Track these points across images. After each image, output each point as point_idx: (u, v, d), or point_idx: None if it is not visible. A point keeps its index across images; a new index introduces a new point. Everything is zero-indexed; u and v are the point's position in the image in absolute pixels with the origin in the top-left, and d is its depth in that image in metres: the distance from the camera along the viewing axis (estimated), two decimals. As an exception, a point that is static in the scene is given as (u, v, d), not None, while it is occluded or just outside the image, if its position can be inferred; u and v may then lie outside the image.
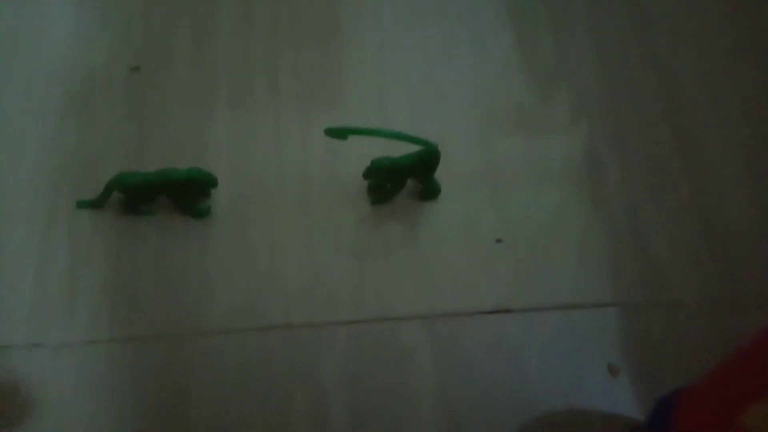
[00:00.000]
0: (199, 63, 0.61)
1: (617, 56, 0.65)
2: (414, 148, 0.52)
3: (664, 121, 0.62)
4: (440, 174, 0.55)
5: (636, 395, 0.51)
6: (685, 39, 0.66)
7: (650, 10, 0.67)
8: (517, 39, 0.65)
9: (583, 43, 0.65)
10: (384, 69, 0.63)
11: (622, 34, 0.66)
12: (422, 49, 0.64)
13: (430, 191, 0.55)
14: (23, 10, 0.63)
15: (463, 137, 0.59)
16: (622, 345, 0.52)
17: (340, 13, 0.65)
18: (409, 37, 0.65)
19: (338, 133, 0.48)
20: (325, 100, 0.61)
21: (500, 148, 0.59)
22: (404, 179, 0.54)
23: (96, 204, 0.53)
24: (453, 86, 0.62)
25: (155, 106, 0.59)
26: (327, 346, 0.50)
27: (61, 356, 0.49)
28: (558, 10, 0.66)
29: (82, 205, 0.53)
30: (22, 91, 0.59)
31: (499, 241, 0.55)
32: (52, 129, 0.57)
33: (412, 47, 0.64)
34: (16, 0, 0.63)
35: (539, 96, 0.62)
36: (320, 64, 0.63)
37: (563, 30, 0.65)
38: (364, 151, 0.54)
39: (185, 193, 0.52)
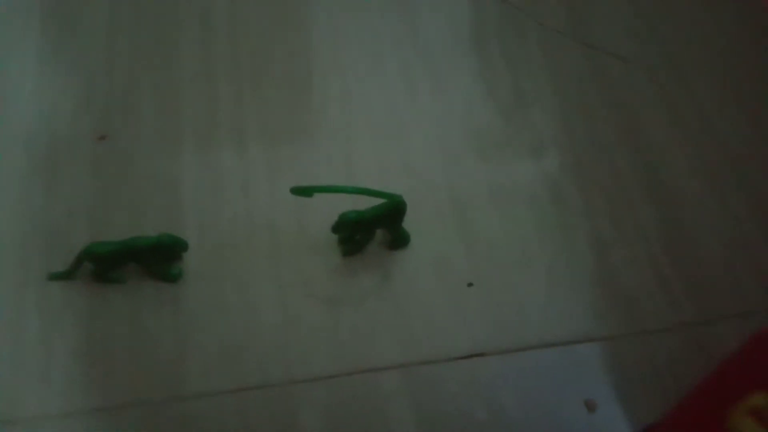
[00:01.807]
0: (163, 123, 0.62)
1: (572, 86, 0.67)
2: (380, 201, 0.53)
3: (622, 146, 0.63)
4: (409, 219, 0.56)
5: (615, 429, 0.51)
6: (636, 62, 0.68)
7: (598, 42, 0.69)
8: (475, 77, 0.66)
9: (538, 77, 0.67)
10: (348, 113, 0.64)
11: (574, 65, 0.68)
12: (384, 91, 0.65)
13: (399, 241, 0.56)
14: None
15: (427, 177, 0.60)
16: (598, 379, 0.53)
17: (302, 61, 0.67)
18: (370, 79, 0.66)
19: (304, 192, 0.48)
20: (290, 149, 0.62)
21: (464, 186, 0.60)
22: (372, 231, 0.55)
23: (67, 275, 0.52)
24: (414, 122, 0.63)
25: (120, 172, 0.59)
26: (305, 403, 0.50)
27: (40, 430, 0.48)
28: (513, 48, 0.68)
29: (54, 277, 0.53)
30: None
31: (470, 284, 0.56)
32: (18, 196, 0.57)
33: (375, 90, 0.65)
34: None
35: (500, 131, 0.64)
36: (284, 112, 0.63)
37: (519, 68, 0.67)
38: (331, 203, 0.54)
39: (155, 259, 0.52)
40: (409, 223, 0.56)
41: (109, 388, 0.50)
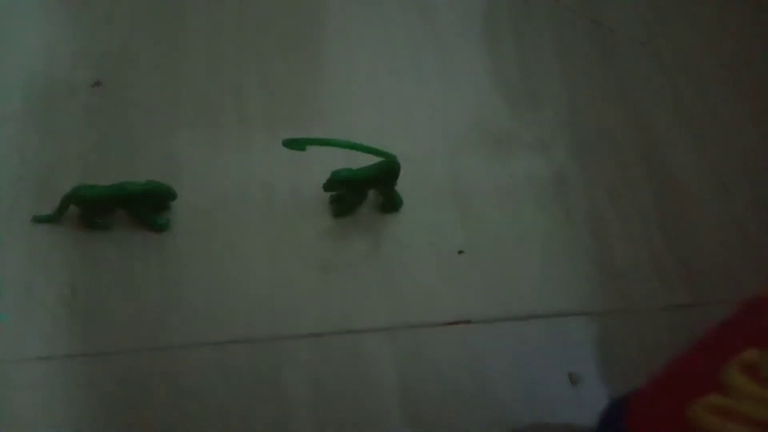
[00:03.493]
0: (162, 77, 0.61)
1: (581, 69, 0.66)
2: (375, 160, 0.52)
3: (626, 129, 0.63)
4: (403, 187, 0.55)
5: (597, 403, 0.51)
6: (643, 49, 0.67)
7: (610, 24, 0.69)
8: (484, 60, 0.66)
9: (546, 58, 0.66)
10: (351, 85, 0.63)
11: (583, 49, 0.67)
12: (390, 65, 0.65)
13: (391, 204, 0.55)
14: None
15: (427, 151, 0.60)
16: (584, 354, 0.53)
17: (308, 30, 0.66)
18: (377, 53, 0.65)
19: (296, 144, 0.48)
20: (290, 114, 0.61)
21: (462, 159, 0.60)
22: (365, 191, 0.54)
23: (52, 219, 0.52)
24: (420, 103, 0.63)
25: (116, 120, 0.58)
26: (289, 359, 0.50)
27: (17, 372, 0.48)
28: (525, 34, 0.68)
29: (38, 219, 0.52)
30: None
31: (461, 252, 0.55)
32: (13, 137, 0.57)
33: (381, 64, 0.65)
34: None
35: (505, 111, 0.63)
36: (287, 79, 0.63)
37: (528, 45, 0.67)
38: (325, 164, 0.54)
39: (143, 207, 0.51)
40: (403, 189, 0.56)
41: (92, 335, 0.50)
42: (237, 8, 0.66)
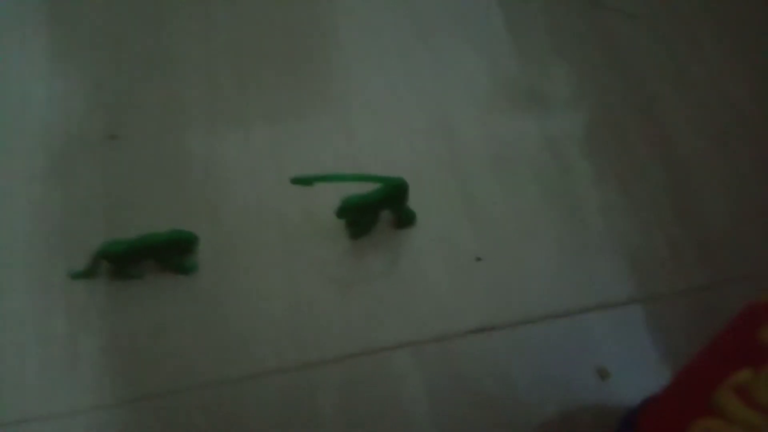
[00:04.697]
0: (168, 117, 0.63)
1: (577, 48, 0.65)
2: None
3: (633, 114, 0.62)
4: (415, 200, 0.56)
5: (628, 395, 0.51)
6: (644, 29, 0.66)
7: (604, 1, 0.67)
8: (480, 57, 0.65)
9: (544, 45, 0.65)
10: (349, 95, 0.64)
11: (583, 34, 0.66)
12: (386, 72, 0.65)
13: (404, 220, 0.56)
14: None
15: (434, 161, 0.60)
16: (609, 347, 0.53)
17: (309, 59, 0.67)
18: (371, 60, 0.66)
19: (304, 182, 0.49)
20: (293, 133, 0.62)
21: (468, 159, 0.60)
22: (377, 213, 0.55)
23: (87, 275, 0.55)
24: (416, 104, 0.63)
25: (132, 169, 0.60)
26: (320, 385, 0.52)
27: (72, 423, 0.51)
28: (520, 23, 0.67)
29: (75, 276, 0.55)
30: (6, 158, 0.61)
31: (479, 259, 0.56)
32: (38, 195, 0.59)
33: (375, 69, 0.65)
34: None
35: (503, 99, 0.63)
36: (285, 96, 0.64)
37: (523, 35, 0.66)
38: (337, 187, 0.55)
39: (169, 254, 0.54)
40: (414, 201, 0.57)
41: (134, 380, 0.53)
42: (229, 29, 0.67)
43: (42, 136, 0.62)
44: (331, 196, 0.56)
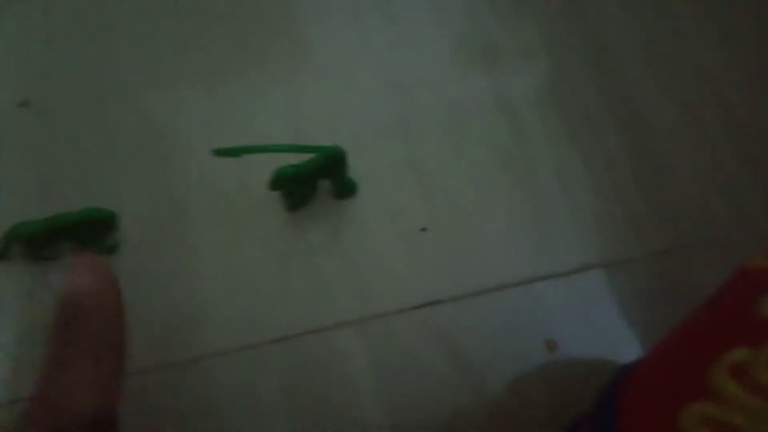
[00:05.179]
0: (89, 83, 0.58)
1: (539, 11, 0.62)
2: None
3: (593, 75, 0.60)
4: (357, 168, 0.53)
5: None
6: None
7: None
8: (432, 14, 0.62)
9: (502, 2, 0.62)
10: (296, 57, 0.60)
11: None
12: (336, 34, 0.61)
13: (344, 190, 0.53)
14: None
15: (379, 126, 0.57)
16: (559, 318, 0.52)
17: (251, 7, 0.62)
18: (324, 25, 0.61)
19: (229, 153, 0.45)
20: (229, 101, 0.58)
21: (415, 124, 0.57)
22: (314, 183, 0.52)
23: (-3, 257, 0.50)
24: (367, 68, 0.59)
25: (48, 141, 0.55)
26: (261, 368, 0.49)
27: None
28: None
29: (-17, 259, 0.50)
30: None
31: (423, 229, 0.53)
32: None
33: (327, 32, 0.61)
34: None
35: (456, 59, 0.60)
36: (225, 59, 0.59)
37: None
38: (271, 157, 0.51)
39: (85, 234, 0.49)
40: (359, 170, 0.53)
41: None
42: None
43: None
44: (267, 165, 0.52)
